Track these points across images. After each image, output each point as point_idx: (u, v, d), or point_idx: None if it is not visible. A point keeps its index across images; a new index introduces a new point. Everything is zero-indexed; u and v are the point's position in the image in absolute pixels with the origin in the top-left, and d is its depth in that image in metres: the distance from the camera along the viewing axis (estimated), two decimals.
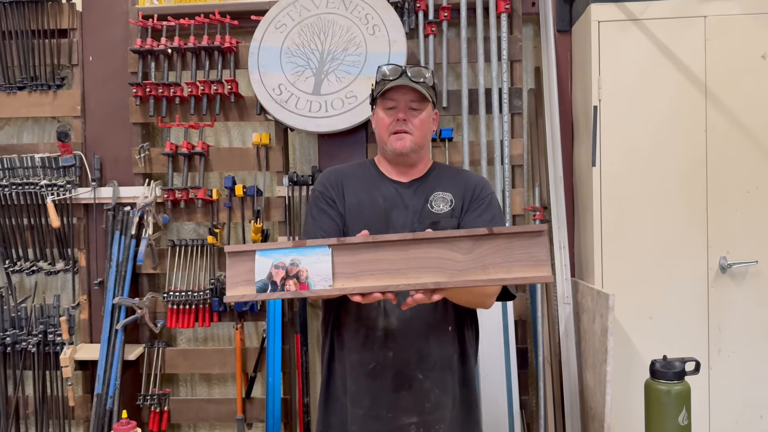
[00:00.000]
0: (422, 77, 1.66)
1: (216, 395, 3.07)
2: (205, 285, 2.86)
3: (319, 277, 1.32)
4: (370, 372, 1.60)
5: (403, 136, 1.67)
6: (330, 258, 1.34)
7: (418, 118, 1.68)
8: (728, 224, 2.47)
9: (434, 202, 1.69)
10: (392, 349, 1.60)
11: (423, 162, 1.76)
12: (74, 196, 2.88)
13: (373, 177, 1.74)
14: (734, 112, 2.47)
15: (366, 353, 1.61)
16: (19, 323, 2.91)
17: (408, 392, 1.60)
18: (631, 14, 2.49)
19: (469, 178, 1.76)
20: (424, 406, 1.61)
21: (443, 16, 2.77)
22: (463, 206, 1.69)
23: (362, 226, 1.61)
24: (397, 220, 1.66)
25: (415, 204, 1.68)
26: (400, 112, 1.66)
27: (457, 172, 1.81)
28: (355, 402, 1.62)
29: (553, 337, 2.68)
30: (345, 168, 1.80)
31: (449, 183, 1.73)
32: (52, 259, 2.96)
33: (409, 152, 1.68)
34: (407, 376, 1.60)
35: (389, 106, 1.68)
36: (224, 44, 2.80)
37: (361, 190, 1.71)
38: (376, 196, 1.69)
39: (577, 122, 2.78)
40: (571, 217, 2.81)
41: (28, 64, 2.96)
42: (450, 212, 1.67)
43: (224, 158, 2.91)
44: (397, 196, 1.69)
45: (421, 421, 1.60)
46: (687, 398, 1.52)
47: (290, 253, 1.34)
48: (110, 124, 2.95)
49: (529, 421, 2.76)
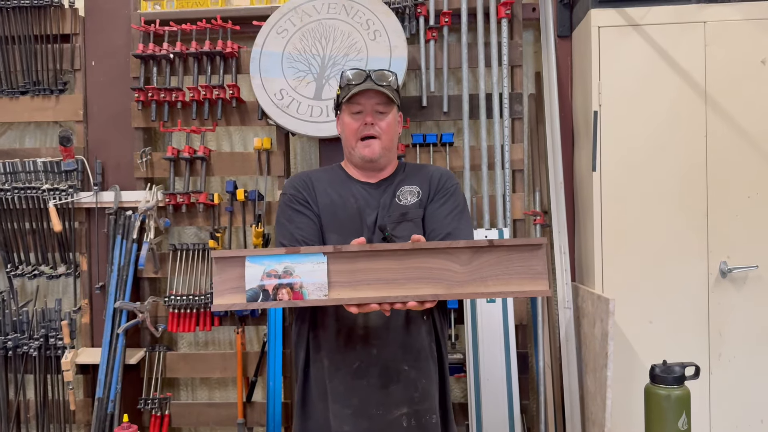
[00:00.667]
0: (386, 81, 1.68)
1: (217, 399, 3.07)
2: (207, 289, 2.86)
3: (313, 286, 1.27)
4: (356, 371, 1.60)
5: (370, 142, 1.68)
6: (326, 266, 1.29)
7: (385, 122, 1.69)
8: (728, 229, 2.47)
9: (401, 195, 1.71)
10: (376, 346, 1.60)
11: (391, 164, 1.78)
12: (76, 201, 2.89)
13: (341, 179, 1.76)
14: (734, 117, 2.47)
15: (349, 352, 1.60)
16: (21, 327, 2.91)
17: (396, 385, 1.60)
18: (631, 20, 2.50)
19: (434, 170, 1.79)
20: (413, 396, 1.61)
21: (444, 22, 2.78)
22: (428, 197, 1.71)
23: (337, 225, 1.65)
24: (369, 219, 1.67)
25: (385, 199, 1.70)
26: (367, 116, 1.67)
27: (423, 167, 1.83)
28: (343, 402, 1.60)
29: (553, 342, 2.68)
30: (312, 172, 1.82)
31: (415, 177, 1.75)
32: (53, 263, 2.97)
33: (378, 158, 1.70)
34: (394, 369, 1.60)
35: (355, 111, 1.68)
36: (226, 49, 2.81)
37: (332, 191, 1.72)
38: (347, 195, 1.70)
39: (577, 127, 2.79)
40: (572, 221, 2.82)
41: (30, 69, 2.97)
42: (418, 203, 1.69)
43: (226, 163, 2.92)
44: (368, 196, 1.71)
45: (412, 411, 1.61)
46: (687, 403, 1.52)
47: (283, 260, 1.28)
48: (112, 128, 2.96)
49: (530, 426, 2.76)
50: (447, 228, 1.66)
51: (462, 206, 1.73)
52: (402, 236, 1.62)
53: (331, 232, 1.66)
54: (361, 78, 1.67)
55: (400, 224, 1.65)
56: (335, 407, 1.60)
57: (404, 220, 1.66)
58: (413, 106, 2.83)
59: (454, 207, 1.70)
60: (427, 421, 1.62)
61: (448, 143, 2.81)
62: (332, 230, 1.66)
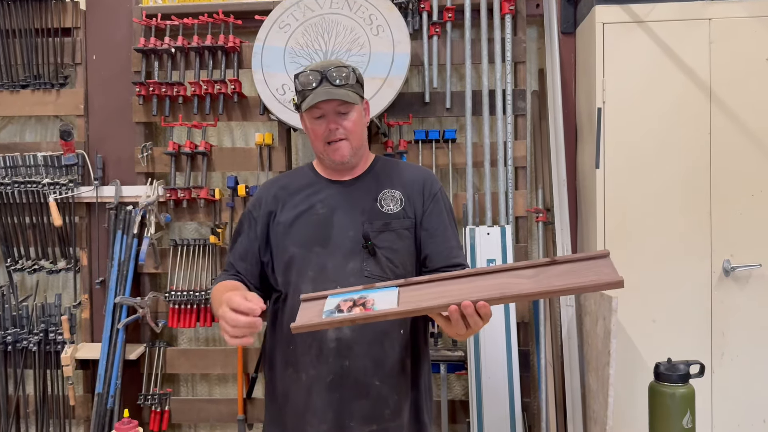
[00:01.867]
0: (344, 80, 1.59)
1: (217, 395, 3.06)
2: (207, 285, 2.85)
3: (383, 303, 1.32)
4: (329, 384, 1.56)
5: (338, 145, 1.61)
6: (397, 295, 1.34)
7: (350, 121, 1.61)
8: (732, 227, 2.46)
9: (384, 201, 1.65)
10: (348, 358, 1.55)
11: (364, 160, 1.72)
12: (76, 195, 2.88)
13: (310, 182, 1.70)
14: (739, 115, 2.46)
15: (322, 366, 1.56)
16: (21, 322, 2.91)
17: (367, 400, 1.56)
18: (636, 16, 2.48)
19: (415, 174, 1.72)
20: (384, 412, 1.57)
21: (447, 17, 2.77)
22: (415, 206, 1.66)
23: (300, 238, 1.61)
24: (341, 222, 1.62)
25: (364, 203, 1.64)
26: (330, 123, 1.60)
27: (402, 167, 1.76)
28: (320, 417, 1.57)
29: (555, 340, 2.67)
30: (278, 179, 1.77)
31: (396, 180, 1.69)
32: (53, 257, 2.96)
33: (349, 160, 1.64)
34: (365, 384, 1.56)
35: (317, 116, 1.61)
36: (228, 44, 2.79)
37: (299, 200, 1.67)
38: (314, 203, 1.65)
39: (580, 124, 2.78)
40: (575, 219, 2.81)
41: (31, 63, 2.96)
42: (402, 212, 1.64)
43: (227, 158, 2.90)
44: (339, 197, 1.65)
45: (381, 429, 1.57)
46: (691, 401, 1.51)
47: (360, 293, 1.36)
48: (113, 123, 2.95)
49: (531, 423, 2.75)
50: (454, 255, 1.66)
51: (449, 211, 1.71)
52: (384, 246, 1.59)
53: (293, 245, 1.62)
54: (317, 80, 1.57)
55: (382, 233, 1.61)
56: (312, 421, 1.57)
57: (387, 230, 1.62)
58: (416, 102, 2.82)
59: (450, 220, 1.69)
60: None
61: (450, 140, 2.79)
62: (294, 243, 1.62)
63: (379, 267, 1.58)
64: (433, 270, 1.63)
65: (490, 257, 2.61)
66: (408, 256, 1.64)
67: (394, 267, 1.60)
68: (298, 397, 1.60)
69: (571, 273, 1.28)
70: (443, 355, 2.67)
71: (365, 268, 1.58)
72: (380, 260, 1.59)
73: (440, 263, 1.64)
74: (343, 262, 1.59)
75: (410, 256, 1.65)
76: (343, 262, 1.59)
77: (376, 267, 1.58)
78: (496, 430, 2.53)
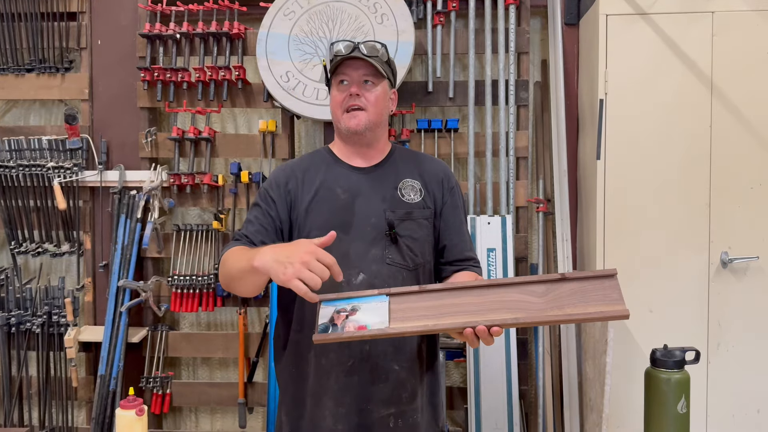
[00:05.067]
0: (376, 52, 1.61)
1: (218, 379, 3.09)
2: (209, 270, 2.88)
3: (376, 320, 1.36)
4: (349, 368, 1.57)
5: (356, 113, 1.60)
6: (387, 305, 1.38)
7: (373, 93, 1.61)
8: (731, 219, 2.48)
9: (404, 191, 1.66)
10: (368, 342, 1.57)
11: (381, 142, 1.71)
12: (81, 179, 2.90)
13: (329, 165, 1.68)
14: (739, 108, 2.48)
15: (343, 351, 1.57)
16: (24, 304, 2.93)
17: (385, 384, 1.58)
18: (639, 8, 2.50)
19: (433, 166, 1.74)
20: (402, 396, 1.59)
21: (452, 7, 2.78)
22: (435, 197, 1.68)
23: (321, 221, 1.59)
24: (362, 210, 1.62)
25: (384, 191, 1.64)
26: (352, 87, 1.60)
27: (420, 158, 1.77)
28: (339, 401, 1.58)
29: (553, 329, 2.70)
30: (296, 163, 1.73)
31: (415, 169, 1.70)
32: (57, 241, 2.98)
33: (363, 130, 1.61)
34: (384, 368, 1.58)
35: (340, 81, 1.62)
36: (232, 30, 2.81)
37: (319, 184, 1.65)
38: (333, 186, 1.64)
39: (582, 115, 2.79)
40: (575, 209, 2.83)
41: (36, 47, 2.97)
42: (422, 203, 1.66)
43: (230, 144, 2.92)
44: (359, 184, 1.65)
45: (399, 412, 1.59)
46: (686, 387, 1.54)
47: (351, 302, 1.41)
48: (117, 108, 2.96)
49: (528, 411, 2.79)
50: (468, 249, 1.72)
51: (463, 205, 1.76)
52: (405, 235, 1.61)
53: (315, 228, 1.59)
54: (349, 49, 1.59)
55: (404, 222, 1.62)
56: (330, 405, 1.58)
57: (408, 219, 1.63)
58: (419, 91, 2.83)
59: (464, 215, 1.74)
60: (414, 420, 1.61)
61: (452, 129, 2.81)
62: (316, 226, 1.59)
63: (400, 255, 1.60)
64: (448, 262, 1.70)
65: (490, 246, 2.64)
66: (427, 245, 1.67)
67: (414, 255, 1.62)
68: (317, 380, 1.60)
69: (580, 294, 1.31)
70: (442, 343, 2.68)
71: (387, 255, 1.59)
72: (401, 248, 1.60)
73: (455, 256, 1.69)
74: (365, 249, 1.59)
75: (429, 245, 1.67)
76: (366, 249, 1.59)
77: (398, 254, 1.60)
78: (493, 416, 2.57)
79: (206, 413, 3.13)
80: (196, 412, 3.13)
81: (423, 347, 1.66)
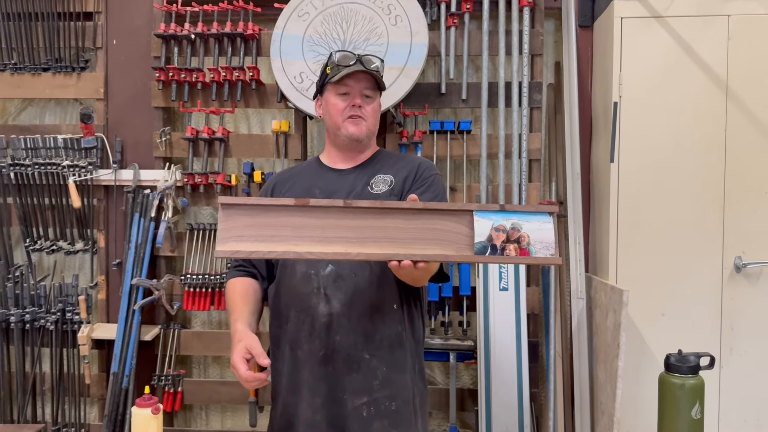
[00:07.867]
0: (377, 67, 1.72)
1: (228, 378, 3.10)
2: (222, 269, 2.89)
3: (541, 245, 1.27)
4: (321, 359, 1.62)
5: (358, 121, 1.71)
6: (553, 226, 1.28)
7: (371, 106, 1.74)
8: (745, 224, 2.47)
9: (375, 184, 1.72)
10: (338, 333, 1.61)
11: (369, 148, 1.81)
12: (95, 178, 2.92)
13: (315, 171, 1.80)
14: (755, 113, 2.46)
15: (314, 341, 1.62)
16: (38, 301, 2.96)
17: (357, 374, 1.62)
18: (654, 11, 2.49)
19: (413, 159, 1.81)
20: (373, 384, 1.62)
21: (465, 9, 2.78)
22: (404, 185, 1.71)
23: None
24: None
25: (356, 187, 1.71)
26: (356, 98, 1.71)
27: (402, 156, 1.86)
28: (314, 391, 1.62)
29: (564, 332, 2.70)
30: (287, 171, 1.88)
31: (391, 166, 1.77)
32: (71, 239, 3.00)
33: (363, 138, 1.73)
34: (355, 357, 1.62)
35: (342, 92, 1.71)
36: (247, 31, 2.82)
37: (302, 189, 1.74)
38: (312, 190, 1.73)
39: (596, 118, 2.79)
40: (587, 212, 2.82)
41: (53, 46, 2.99)
42: (388, 192, 1.69)
43: (244, 144, 2.93)
44: (337, 183, 1.73)
45: (371, 400, 1.62)
46: (701, 392, 1.54)
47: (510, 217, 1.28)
48: (132, 107, 2.98)
49: (539, 414, 2.79)
50: None
51: (441, 196, 1.73)
52: None
53: None
54: (351, 60, 1.70)
55: None
56: (307, 396, 1.62)
57: None
58: (432, 92, 2.84)
59: (434, 197, 1.70)
60: (386, 407, 1.63)
61: (465, 131, 2.81)
62: None
63: None
64: None
65: None
66: None
67: None
68: (295, 372, 1.66)
69: None
70: (453, 345, 2.70)
71: None
72: None
73: None
74: None
75: None
76: None
77: None
78: (503, 418, 2.56)
79: (217, 411, 3.14)
80: (206, 410, 3.15)
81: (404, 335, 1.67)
